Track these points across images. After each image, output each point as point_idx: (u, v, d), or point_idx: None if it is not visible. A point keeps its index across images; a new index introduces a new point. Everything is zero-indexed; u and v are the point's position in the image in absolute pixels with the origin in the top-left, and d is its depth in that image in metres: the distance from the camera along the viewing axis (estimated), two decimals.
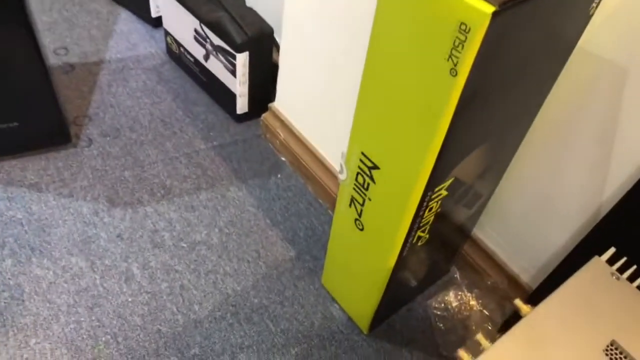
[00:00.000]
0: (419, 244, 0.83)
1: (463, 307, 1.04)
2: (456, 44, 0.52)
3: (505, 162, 0.87)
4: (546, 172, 0.87)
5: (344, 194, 0.83)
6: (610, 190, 0.79)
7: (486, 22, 0.49)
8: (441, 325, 1.01)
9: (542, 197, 0.90)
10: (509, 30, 0.53)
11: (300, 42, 1.09)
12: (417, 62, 0.58)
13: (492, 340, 0.60)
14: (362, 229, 0.83)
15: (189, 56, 1.38)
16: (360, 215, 0.81)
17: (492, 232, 1.02)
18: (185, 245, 1.08)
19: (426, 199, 0.71)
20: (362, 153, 0.74)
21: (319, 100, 1.11)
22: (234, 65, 1.21)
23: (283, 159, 1.29)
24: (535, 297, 0.93)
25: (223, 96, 1.33)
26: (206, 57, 1.31)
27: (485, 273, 1.05)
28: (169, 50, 1.48)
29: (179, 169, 1.22)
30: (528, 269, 0.99)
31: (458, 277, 1.08)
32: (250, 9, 1.25)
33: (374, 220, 0.79)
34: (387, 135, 0.68)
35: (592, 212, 0.83)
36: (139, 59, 1.50)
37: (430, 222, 0.79)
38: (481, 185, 0.84)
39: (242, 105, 1.30)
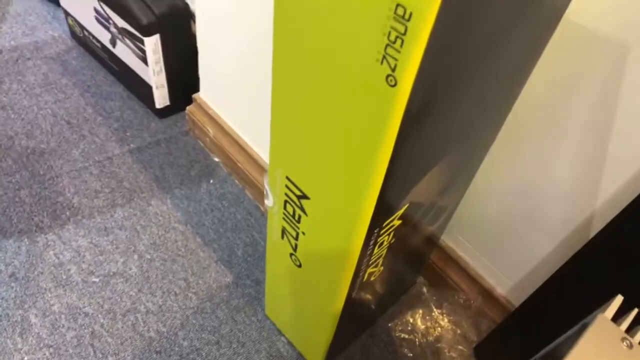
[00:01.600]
0: (372, 279, 0.66)
1: (432, 327, 0.89)
2: (392, 38, 0.33)
3: (473, 168, 0.70)
4: (524, 170, 0.71)
5: (274, 223, 0.64)
6: (605, 196, 0.63)
7: (436, 3, 0.30)
8: (408, 351, 0.86)
9: (519, 201, 0.74)
10: (471, 10, 0.35)
11: (218, 18, 0.88)
12: (339, 63, 0.39)
13: None
14: (299, 266, 0.65)
15: (94, 41, 1.15)
16: (295, 249, 0.63)
17: (462, 239, 0.86)
18: (97, 279, 0.89)
19: (373, 236, 0.53)
20: (287, 178, 0.55)
21: (248, 88, 0.91)
22: (143, 52, 0.99)
23: (216, 159, 1.09)
24: (519, 315, 0.78)
25: (139, 88, 1.12)
26: (113, 42, 1.08)
27: (456, 285, 0.90)
28: (73, 34, 1.24)
29: (88, 182, 1.02)
30: (504, 280, 0.84)
31: (425, 291, 0.92)
32: None
33: (312, 258, 0.62)
34: (313, 159, 0.49)
35: (582, 222, 0.67)
36: (38, 46, 1.25)
37: (383, 255, 0.61)
38: (445, 199, 0.67)
39: (161, 97, 1.09)
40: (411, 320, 0.89)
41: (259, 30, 0.80)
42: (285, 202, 0.58)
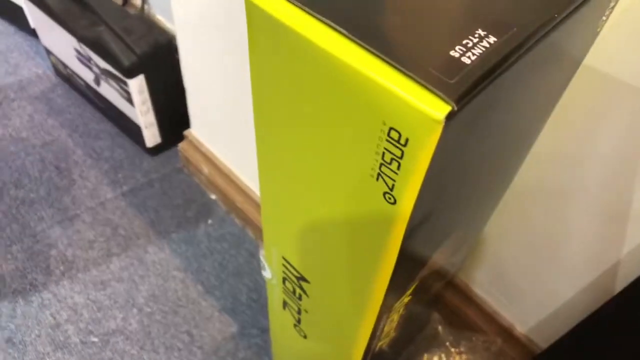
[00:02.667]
0: (384, 345, 0.61)
1: None
2: (387, 159, 0.29)
3: (485, 218, 0.65)
4: (541, 220, 0.66)
5: (274, 294, 0.60)
6: (631, 246, 0.58)
7: (436, 133, 0.25)
8: None
9: (537, 248, 0.69)
10: (476, 125, 0.30)
11: (203, 54, 0.83)
12: (332, 169, 0.34)
13: None
14: (305, 337, 0.61)
15: (79, 79, 1.10)
16: (298, 322, 0.59)
17: (478, 277, 0.81)
18: (96, 339, 0.85)
19: (382, 320, 0.48)
20: (283, 258, 0.51)
21: (241, 125, 0.86)
22: (128, 93, 0.94)
23: (213, 197, 1.04)
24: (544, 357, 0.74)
25: (128, 126, 1.07)
26: (97, 82, 1.03)
27: (473, 323, 0.85)
28: (57, 71, 1.19)
29: (82, 231, 0.97)
30: (524, 319, 0.79)
31: (441, 330, 0.88)
32: (139, 16, 0.97)
33: (317, 334, 0.57)
34: (310, 247, 0.45)
35: (606, 270, 0.63)
36: (22, 85, 1.20)
37: (394, 326, 0.57)
38: (457, 256, 0.63)
39: (151, 136, 1.04)
40: None
41: (246, 62, 0.75)
42: (284, 279, 0.54)
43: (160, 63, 0.94)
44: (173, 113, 1.02)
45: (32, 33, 1.27)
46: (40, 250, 0.94)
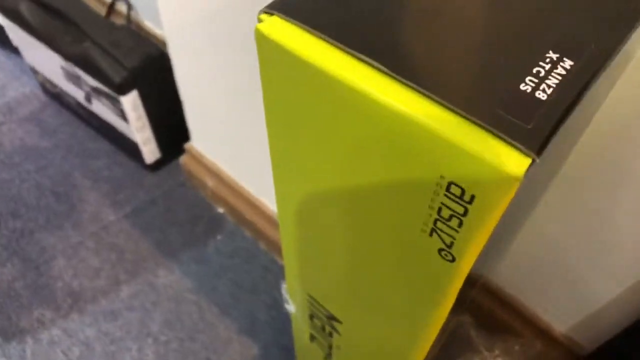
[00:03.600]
0: None
1: None
2: (444, 215, 0.24)
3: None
4: (582, 217, 0.60)
5: (299, 326, 0.55)
6: None
7: (513, 189, 0.20)
8: None
9: (577, 245, 0.64)
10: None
11: (196, 60, 0.77)
12: (369, 217, 0.29)
13: None
14: None
15: (68, 97, 1.05)
16: (329, 356, 0.54)
17: (511, 275, 0.76)
18: None
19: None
20: (309, 295, 0.46)
21: (242, 133, 0.81)
22: (122, 110, 0.89)
23: (220, 210, 0.99)
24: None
25: (124, 144, 1.01)
26: (88, 99, 0.97)
27: (507, 324, 0.81)
28: (45, 89, 1.13)
29: (86, 259, 0.93)
30: (563, 318, 0.74)
31: (473, 334, 0.83)
32: (126, 27, 0.91)
33: None
34: (344, 293, 0.40)
35: None
36: (10, 106, 1.15)
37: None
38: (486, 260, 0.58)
39: (149, 153, 0.99)
40: None
41: (246, 67, 0.69)
42: (311, 315, 0.49)
43: (153, 76, 0.88)
44: (171, 126, 0.96)
45: (16, 50, 1.21)
46: (45, 284, 0.90)
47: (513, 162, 0.19)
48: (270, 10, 0.25)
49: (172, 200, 1.01)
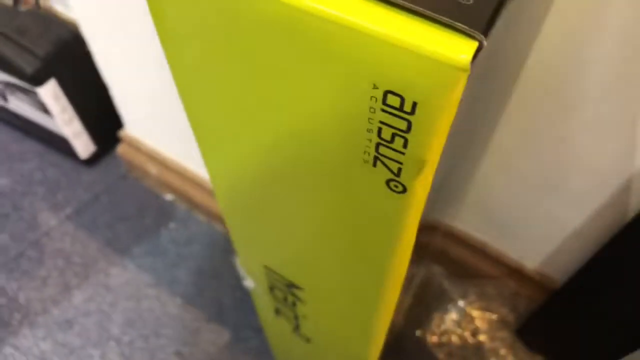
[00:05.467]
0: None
1: (465, 322, 0.79)
2: (385, 136, 0.20)
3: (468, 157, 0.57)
4: (537, 145, 0.58)
5: (262, 302, 0.51)
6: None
7: (460, 85, 0.16)
8: (445, 357, 0.76)
9: (534, 177, 0.62)
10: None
11: (112, 38, 0.71)
12: (303, 151, 0.25)
13: None
14: (308, 341, 0.53)
15: None
16: (297, 328, 0.51)
17: (477, 221, 0.75)
18: None
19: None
20: (265, 267, 0.42)
21: (178, 111, 0.75)
22: (42, 104, 0.81)
23: (168, 197, 0.93)
24: (567, 291, 0.68)
25: (54, 141, 0.94)
26: (3, 96, 0.89)
27: (479, 270, 0.79)
28: None
29: (30, 270, 0.86)
30: (532, 255, 0.73)
31: (446, 285, 0.82)
32: (33, 12, 0.82)
33: (324, 337, 0.49)
34: (298, 255, 0.36)
35: (614, 192, 0.56)
36: None
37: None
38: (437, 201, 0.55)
39: (82, 147, 0.91)
40: (439, 321, 0.79)
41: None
42: (271, 287, 0.45)
43: (70, 61, 0.81)
44: (102, 114, 0.89)
45: None
46: None
47: (457, 48, 0.15)
48: None
49: (116, 194, 0.94)
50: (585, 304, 0.67)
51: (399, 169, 0.21)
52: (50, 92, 0.79)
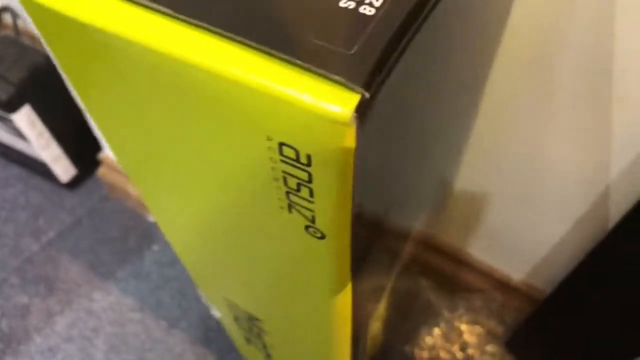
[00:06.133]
0: (377, 330, 0.53)
1: (454, 336, 0.77)
2: (291, 185, 0.19)
3: (442, 173, 0.56)
4: (511, 156, 0.57)
5: (232, 330, 0.50)
6: (619, 168, 0.51)
7: (348, 139, 0.15)
8: None
9: (513, 188, 0.61)
10: (399, 95, 0.20)
11: None
12: (225, 197, 0.24)
13: None
14: None
15: None
16: (269, 357, 0.50)
17: (459, 232, 0.73)
18: None
19: (362, 327, 0.40)
20: (226, 299, 0.41)
21: None
22: (18, 129, 0.80)
23: (150, 219, 0.92)
24: (554, 301, 0.67)
25: (33, 165, 0.93)
26: None
27: (467, 283, 0.78)
28: None
29: (12, 297, 0.85)
30: (518, 266, 0.72)
31: (434, 298, 0.80)
32: (8, 38, 0.82)
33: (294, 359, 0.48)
34: (248, 290, 0.35)
35: (595, 201, 0.55)
36: None
37: (381, 316, 0.49)
38: (417, 214, 0.54)
39: (63, 170, 0.91)
40: (427, 335, 0.78)
41: None
42: (235, 317, 0.44)
43: (45, 87, 0.80)
44: (80, 137, 0.88)
45: None
46: None
47: (337, 102, 0.14)
48: None
49: (98, 216, 0.93)
50: (571, 314, 0.66)
51: (313, 217, 0.19)
52: (25, 118, 0.78)
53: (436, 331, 0.78)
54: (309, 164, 0.17)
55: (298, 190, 0.18)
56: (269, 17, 0.16)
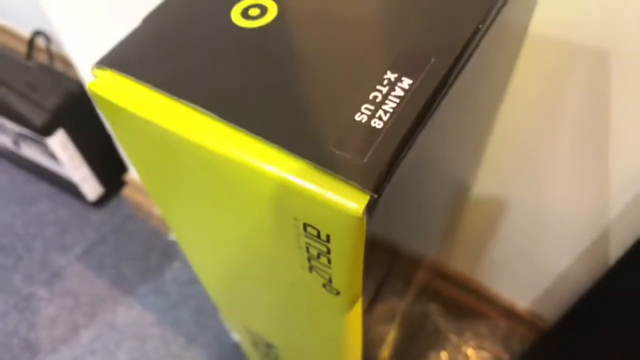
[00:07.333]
0: (387, 354, 0.56)
1: None
2: (313, 254, 0.22)
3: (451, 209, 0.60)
4: (518, 196, 0.60)
5: (251, 354, 0.54)
6: (620, 205, 0.54)
7: (359, 228, 0.19)
8: None
9: (520, 224, 0.64)
10: (404, 184, 0.24)
11: None
12: (259, 261, 0.28)
13: None
14: None
15: None
16: None
17: (467, 259, 0.77)
18: None
19: (371, 355, 0.43)
20: (244, 325, 0.44)
21: None
22: (51, 152, 0.86)
23: (172, 238, 0.97)
24: (559, 330, 0.70)
25: (63, 184, 0.98)
26: (16, 144, 0.94)
27: (474, 309, 0.81)
28: None
29: (40, 309, 0.90)
30: (523, 295, 0.75)
31: (441, 323, 0.83)
32: (44, 67, 0.87)
33: None
34: (268, 324, 0.39)
35: (599, 235, 0.58)
36: None
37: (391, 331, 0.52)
38: (426, 243, 0.57)
39: (91, 190, 0.96)
40: (436, 359, 0.80)
41: None
42: (254, 342, 0.48)
43: (77, 112, 0.85)
44: (108, 158, 0.93)
45: None
46: (1, 342, 0.86)
47: (351, 201, 0.18)
48: (102, 65, 0.23)
49: (123, 234, 0.98)
50: (576, 345, 0.68)
51: (330, 278, 0.23)
52: (58, 142, 0.83)
53: (443, 355, 0.81)
54: (328, 241, 0.20)
55: (318, 257, 0.22)
56: (301, 123, 0.20)
